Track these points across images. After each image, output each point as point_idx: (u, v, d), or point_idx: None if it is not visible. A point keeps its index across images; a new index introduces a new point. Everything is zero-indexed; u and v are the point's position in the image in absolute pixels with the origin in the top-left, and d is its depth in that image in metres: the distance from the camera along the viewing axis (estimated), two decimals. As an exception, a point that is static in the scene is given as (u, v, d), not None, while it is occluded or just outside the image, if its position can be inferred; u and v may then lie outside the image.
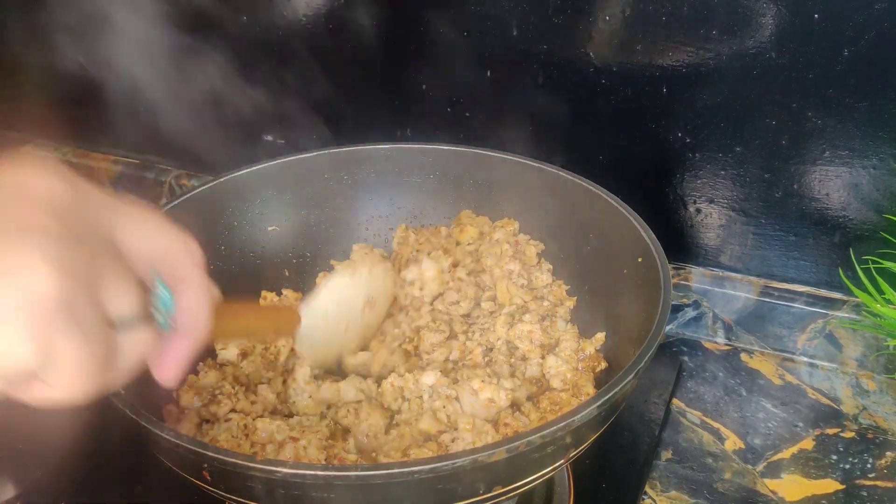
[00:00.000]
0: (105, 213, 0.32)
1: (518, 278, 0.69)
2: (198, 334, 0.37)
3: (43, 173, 0.30)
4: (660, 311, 0.54)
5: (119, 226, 0.32)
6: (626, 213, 0.64)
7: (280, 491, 0.44)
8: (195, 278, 0.36)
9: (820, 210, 0.76)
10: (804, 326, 0.79)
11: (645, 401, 0.74)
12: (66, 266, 0.27)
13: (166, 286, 0.35)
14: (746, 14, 0.70)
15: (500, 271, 0.69)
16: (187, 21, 0.94)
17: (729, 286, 0.82)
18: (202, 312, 0.37)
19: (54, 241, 0.28)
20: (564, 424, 0.45)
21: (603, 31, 0.76)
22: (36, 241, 0.27)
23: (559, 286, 0.70)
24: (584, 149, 0.82)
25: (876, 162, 0.72)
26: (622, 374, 0.48)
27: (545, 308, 0.67)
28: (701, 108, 0.76)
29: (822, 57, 0.69)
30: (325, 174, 0.75)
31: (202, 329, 0.37)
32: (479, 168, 0.75)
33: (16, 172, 0.30)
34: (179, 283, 0.36)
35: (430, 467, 0.42)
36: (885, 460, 0.68)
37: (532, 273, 0.70)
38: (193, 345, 0.37)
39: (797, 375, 0.79)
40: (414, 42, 0.83)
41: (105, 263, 0.30)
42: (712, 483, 0.67)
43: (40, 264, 0.27)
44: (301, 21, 0.87)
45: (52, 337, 0.27)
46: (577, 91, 0.79)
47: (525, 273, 0.69)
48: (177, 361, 0.37)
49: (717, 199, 0.80)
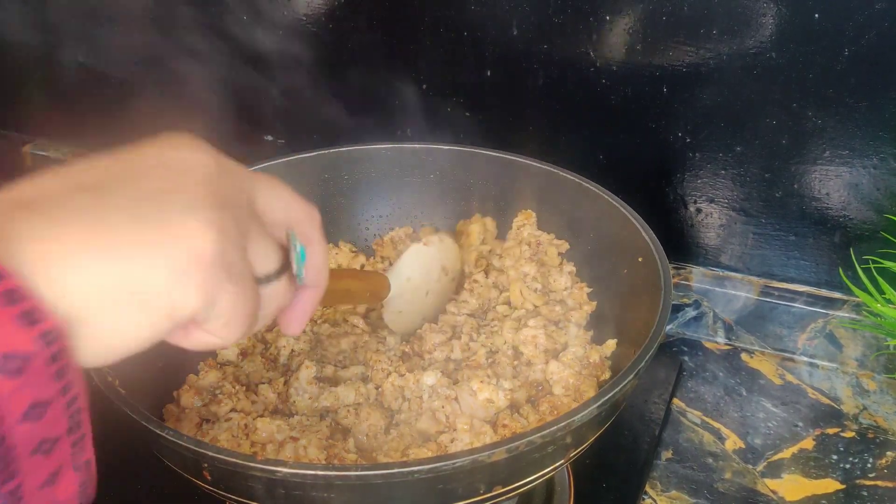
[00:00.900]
0: (246, 184, 0.36)
1: (532, 282, 0.68)
2: (321, 287, 0.42)
3: (193, 150, 0.34)
4: (660, 311, 0.54)
5: (257, 193, 0.37)
6: (626, 213, 0.64)
7: (280, 491, 0.44)
8: (319, 238, 0.41)
9: (820, 210, 0.76)
10: (804, 326, 0.79)
11: (645, 401, 0.74)
12: (221, 229, 0.32)
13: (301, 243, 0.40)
14: (746, 14, 0.70)
15: (516, 273, 0.69)
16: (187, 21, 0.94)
17: (729, 286, 0.82)
18: (324, 267, 0.42)
19: (209, 207, 0.32)
20: (564, 424, 0.45)
21: (603, 31, 0.76)
22: (197, 209, 0.31)
23: (581, 289, 0.69)
24: (585, 149, 0.82)
25: (876, 162, 0.72)
26: (622, 373, 0.48)
27: (556, 313, 0.67)
28: (701, 108, 0.76)
29: (822, 57, 0.69)
30: (325, 174, 0.75)
31: (324, 282, 0.43)
32: (479, 168, 0.75)
33: (172, 149, 0.34)
34: (306, 243, 0.40)
35: (429, 467, 0.42)
36: (885, 460, 0.68)
37: (550, 275, 0.70)
38: (318, 297, 0.43)
39: (797, 375, 0.79)
40: (414, 42, 0.83)
41: (250, 226, 0.35)
42: (712, 483, 0.67)
43: (202, 227, 0.31)
44: (301, 21, 0.87)
45: (215, 288, 0.32)
46: (577, 91, 0.79)
47: (541, 276, 0.69)
48: (305, 311, 0.42)
49: (717, 199, 0.80)
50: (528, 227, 0.72)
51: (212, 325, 0.33)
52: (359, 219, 0.78)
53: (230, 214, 0.33)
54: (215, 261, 0.31)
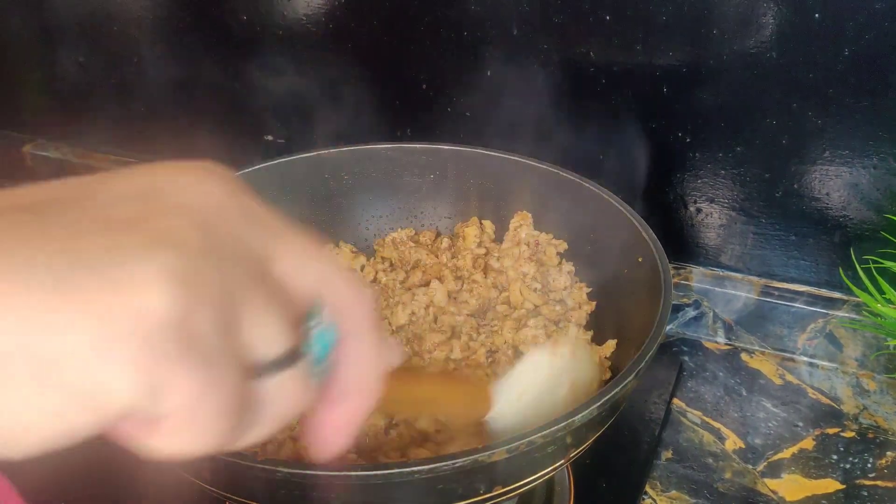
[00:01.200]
0: (265, 234, 0.26)
1: (532, 282, 0.68)
2: (366, 399, 0.30)
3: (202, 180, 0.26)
4: (660, 311, 0.53)
5: (282, 251, 0.27)
6: (626, 213, 0.64)
7: (280, 491, 0.44)
8: (368, 331, 0.29)
9: (820, 210, 0.76)
10: (804, 326, 0.79)
11: (645, 401, 0.74)
12: (193, 284, 0.22)
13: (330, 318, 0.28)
14: (746, 14, 0.70)
15: (515, 273, 0.69)
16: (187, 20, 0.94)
17: (729, 286, 0.81)
18: (373, 372, 0.30)
19: (187, 254, 0.23)
20: (564, 424, 0.45)
21: (603, 31, 0.76)
22: (162, 253, 0.22)
23: (580, 289, 0.69)
24: (585, 149, 0.82)
25: (876, 162, 0.72)
26: (622, 373, 0.48)
27: (557, 313, 0.67)
28: (701, 108, 0.76)
29: (822, 57, 0.69)
30: (325, 174, 0.75)
31: (371, 394, 0.30)
32: (480, 168, 0.75)
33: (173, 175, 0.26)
34: (349, 334, 0.29)
35: (429, 467, 0.42)
36: (885, 460, 0.68)
37: (550, 275, 0.70)
38: (361, 411, 0.30)
39: (797, 375, 0.79)
40: (414, 42, 0.83)
41: (253, 289, 0.25)
42: (713, 483, 0.67)
43: (159, 279, 0.22)
44: (301, 21, 0.87)
45: (164, 369, 0.22)
46: (577, 91, 0.79)
47: (540, 276, 0.69)
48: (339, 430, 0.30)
49: (717, 199, 0.80)
50: (525, 228, 0.72)
51: (168, 423, 0.23)
52: (359, 219, 0.78)
53: (216, 267, 0.24)
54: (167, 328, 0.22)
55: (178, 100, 1.00)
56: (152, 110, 1.03)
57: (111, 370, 0.21)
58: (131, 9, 0.96)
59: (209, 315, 0.23)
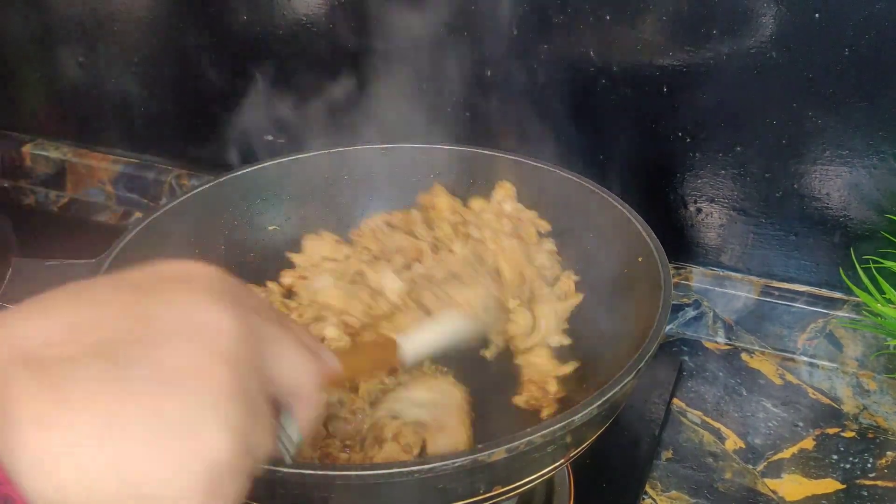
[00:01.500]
0: (262, 345, 0.33)
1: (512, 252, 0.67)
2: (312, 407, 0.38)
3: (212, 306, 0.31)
4: (660, 311, 0.54)
5: (270, 355, 0.33)
6: (626, 213, 0.64)
7: (280, 490, 0.44)
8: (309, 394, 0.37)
9: (820, 210, 0.76)
10: (805, 326, 0.79)
11: (645, 401, 0.74)
12: (238, 430, 0.29)
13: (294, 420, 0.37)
14: (746, 14, 0.70)
15: (496, 246, 0.67)
16: (187, 20, 0.94)
17: (729, 286, 0.81)
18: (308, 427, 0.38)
19: (229, 399, 0.29)
20: (564, 424, 0.45)
21: (603, 31, 0.76)
22: (213, 401, 0.29)
23: (568, 277, 0.68)
24: (584, 149, 0.82)
25: (876, 162, 0.72)
26: (622, 373, 0.48)
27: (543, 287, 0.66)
28: (701, 108, 0.76)
29: (822, 57, 0.69)
30: (325, 174, 0.75)
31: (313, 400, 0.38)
32: (480, 168, 0.75)
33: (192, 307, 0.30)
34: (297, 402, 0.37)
35: (429, 467, 0.42)
36: (885, 460, 0.68)
37: (531, 252, 0.68)
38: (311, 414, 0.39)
39: (797, 375, 0.79)
40: (413, 42, 0.83)
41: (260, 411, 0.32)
42: (713, 483, 0.67)
43: (220, 431, 0.28)
44: (301, 21, 0.87)
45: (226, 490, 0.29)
46: (578, 91, 0.79)
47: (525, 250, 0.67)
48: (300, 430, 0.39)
49: (717, 199, 0.80)
50: (509, 202, 0.71)
51: None
52: (359, 219, 0.78)
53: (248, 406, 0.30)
54: (230, 466, 0.29)
55: (178, 100, 1.00)
56: (152, 110, 1.03)
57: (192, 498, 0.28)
58: (131, 9, 0.96)
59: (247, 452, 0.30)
